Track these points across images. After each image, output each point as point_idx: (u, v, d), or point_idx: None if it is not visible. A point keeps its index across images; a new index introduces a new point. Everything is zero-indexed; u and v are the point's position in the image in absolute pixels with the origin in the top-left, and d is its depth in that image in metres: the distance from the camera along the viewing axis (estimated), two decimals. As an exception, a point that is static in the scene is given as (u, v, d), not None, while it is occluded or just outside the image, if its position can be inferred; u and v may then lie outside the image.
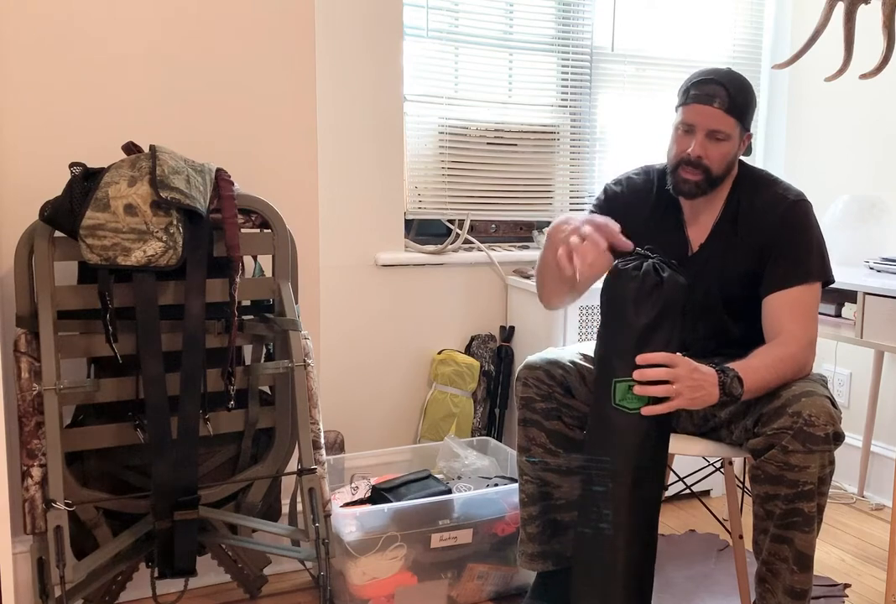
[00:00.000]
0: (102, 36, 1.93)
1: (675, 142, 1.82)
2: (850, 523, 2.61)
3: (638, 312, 1.56)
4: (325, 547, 1.82)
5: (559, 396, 1.80)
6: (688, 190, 1.80)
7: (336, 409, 2.48)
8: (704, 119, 1.75)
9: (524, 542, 1.89)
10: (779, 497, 1.58)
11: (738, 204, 1.84)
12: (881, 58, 2.11)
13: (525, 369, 1.84)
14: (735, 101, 1.75)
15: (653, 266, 1.58)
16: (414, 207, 2.69)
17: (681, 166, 1.79)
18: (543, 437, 1.82)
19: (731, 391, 1.59)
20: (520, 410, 1.84)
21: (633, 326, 1.56)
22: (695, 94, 1.76)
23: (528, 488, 1.86)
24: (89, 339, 1.77)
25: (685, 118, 1.78)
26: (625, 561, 1.58)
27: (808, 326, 1.73)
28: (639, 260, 1.60)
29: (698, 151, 1.76)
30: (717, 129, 1.75)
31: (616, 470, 1.57)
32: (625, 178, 1.98)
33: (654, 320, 1.55)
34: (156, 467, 1.71)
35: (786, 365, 1.66)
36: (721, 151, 1.77)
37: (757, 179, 1.87)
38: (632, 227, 1.75)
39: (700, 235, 1.87)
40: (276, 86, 2.11)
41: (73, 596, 1.72)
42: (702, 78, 1.77)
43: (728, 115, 1.75)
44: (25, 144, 1.89)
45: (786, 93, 3.15)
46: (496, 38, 2.75)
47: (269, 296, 1.92)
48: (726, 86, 1.75)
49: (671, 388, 1.53)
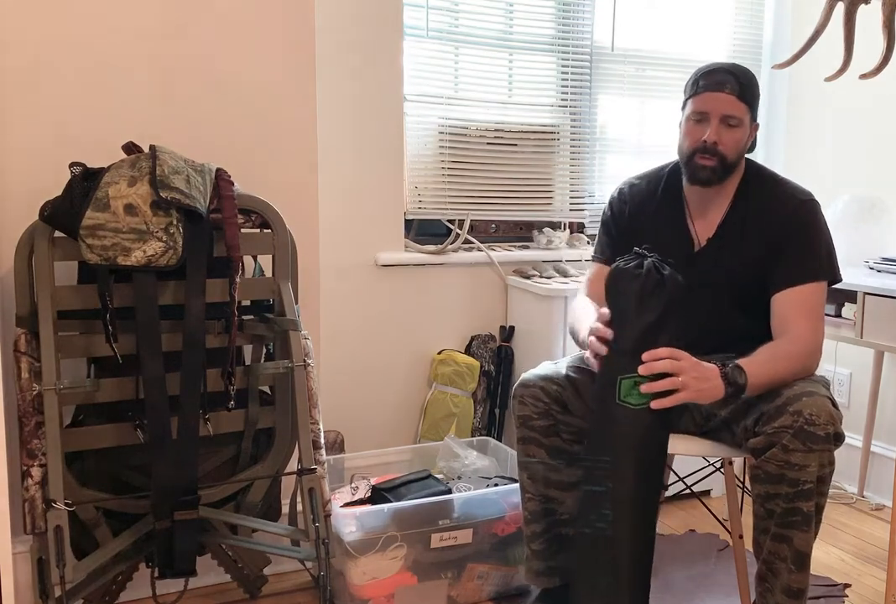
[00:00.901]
0: (102, 36, 1.93)
1: (686, 134, 1.83)
2: (850, 523, 2.61)
3: (642, 311, 1.57)
4: (325, 547, 1.82)
5: (556, 414, 1.81)
6: (705, 176, 1.80)
7: (336, 409, 2.48)
8: (718, 105, 1.77)
9: (530, 559, 1.89)
10: (779, 496, 1.58)
11: (747, 201, 1.85)
12: (881, 58, 2.11)
13: (521, 387, 1.85)
14: (745, 88, 1.77)
15: (653, 264, 1.59)
16: (414, 207, 2.69)
17: (696, 155, 1.80)
18: (543, 453, 1.82)
19: (735, 380, 1.59)
20: (518, 428, 1.85)
21: (638, 324, 1.57)
22: (705, 84, 1.78)
23: (531, 506, 1.86)
24: (89, 339, 1.77)
25: (697, 107, 1.79)
26: (627, 559, 1.58)
27: (815, 326, 1.74)
28: (638, 259, 1.61)
29: (714, 137, 1.77)
30: (731, 113, 1.77)
31: (618, 467, 1.57)
32: (626, 184, 2.00)
33: (658, 318, 1.57)
34: (156, 467, 1.71)
35: (791, 362, 1.67)
36: (735, 136, 1.79)
37: (765, 177, 1.88)
38: (638, 227, 1.83)
39: (707, 230, 1.88)
40: (276, 86, 2.11)
41: (73, 596, 1.72)
42: (710, 69, 1.80)
43: (740, 101, 1.77)
44: (25, 144, 1.89)
45: (786, 93, 3.16)
46: (496, 38, 2.75)
47: (269, 296, 1.92)
48: (735, 73, 1.78)
49: (676, 380, 1.54)
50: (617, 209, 1.98)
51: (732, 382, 1.59)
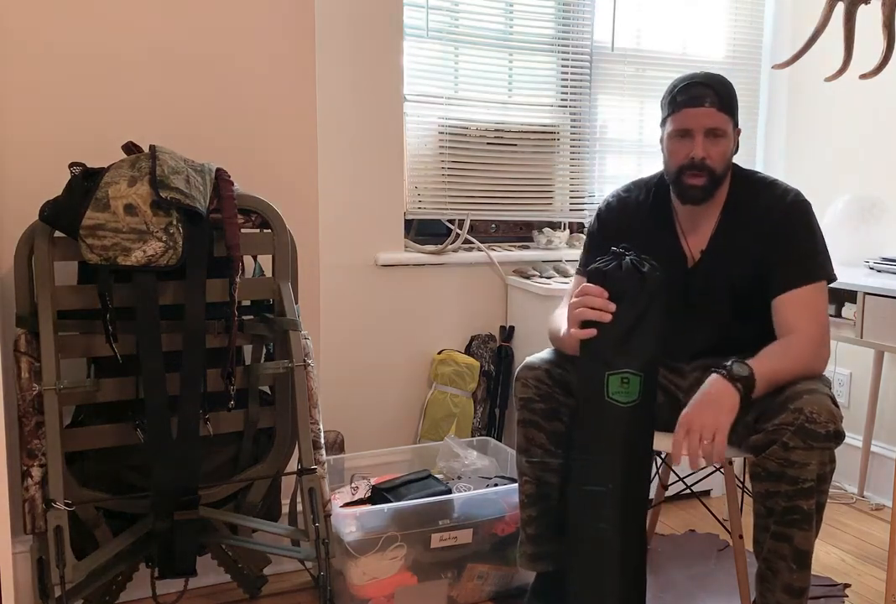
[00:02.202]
0: (103, 36, 1.93)
1: (671, 152, 1.81)
2: (850, 522, 2.61)
3: (626, 309, 1.59)
4: (325, 547, 1.82)
5: (559, 397, 1.80)
6: (695, 195, 1.79)
7: (336, 409, 2.48)
8: (700, 120, 1.75)
9: (524, 543, 1.89)
10: (779, 494, 1.58)
11: (737, 209, 1.84)
12: (881, 58, 2.11)
13: (525, 370, 1.84)
14: (724, 99, 1.76)
15: (631, 263, 1.61)
16: (414, 206, 2.69)
17: (683, 173, 1.78)
18: (542, 437, 1.81)
19: (738, 374, 1.59)
20: (519, 410, 1.84)
21: (622, 321, 1.59)
22: (683, 100, 1.76)
23: (528, 489, 1.86)
24: (89, 339, 1.77)
25: (679, 125, 1.77)
26: (617, 557, 1.59)
27: (820, 326, 1.73)
28: (616, 259, 1.62)
29: (701, 153, 1.75)
30: (715, 126, 1.75)
31: (607, 464, 1.58)
32: (614, 198, 1.98)
33: (641, 313, 1.59)
34: (156, 467, 1.71)
35: (796, 360, 1.66)
36: (721, 149, 1.77)
37: (753, 181, 1.87)
38: (627, 240, 1.80)
39: (700, 242, 1.86)
40: (276, 86, 2.11)
41: (73, 596, 1.72)
42: (684, 83, 1.77)
43: (721, 112, 1.75)
44: (25, 144, 1.89)
45: (786, 93, 3.15)
46: (496, 37, 2.76)
47: (269, 296, 1.92)
48: (711, 85, 1.75)
49: (695, 438, 1.55)
50: (605, 222, 1.95)
51: (737, 377, 1.59)
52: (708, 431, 1.55)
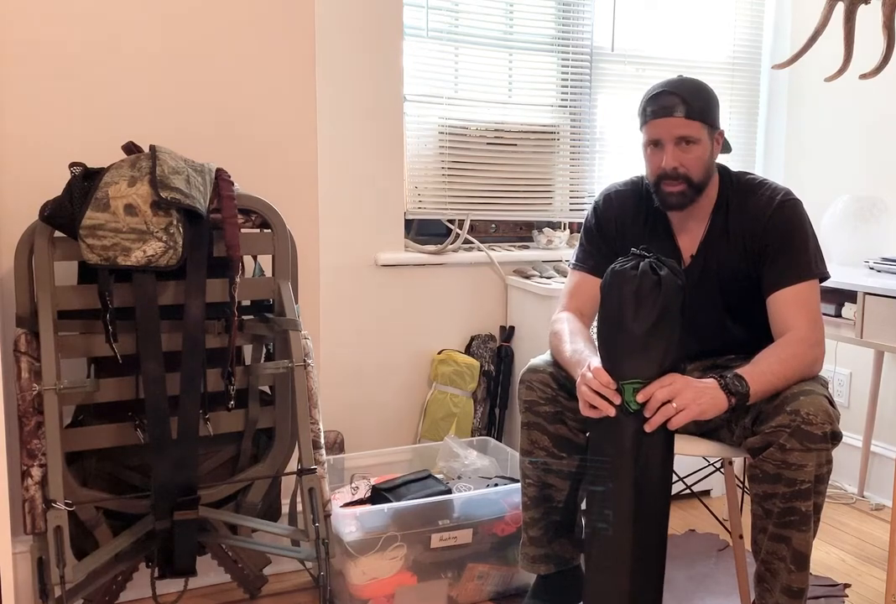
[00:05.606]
0: (103, 36, 1.93)
1: (648, 161, 1.82)
2: (850, 523, 2.61)
3: (637, 315, 1.55)
4: (324, 547, 1.82)
5: (563, 400, 1.79)
6: (675, 202, 1.79)
7: (336, 409, 2.48)
8: (668, 130, 1.75)
9: (526, 544, 1.89)
10: (777, 496, 1.58)
11: (727, 209, 1.84)
12: (881, 58, 2.11)
13: (528, 372, 1.84)
14: (692, 106, 1.74)
15: (650, 266, 1.57)
16: (414, 206, 2.69)
17: (661, 182, 1.78)
18: (546, 440, 1.81)
19: (736, 389, 1.58)
20: (523, 413, 1.84)
21: (633, 329, 1.55)
22: (652, 111, 1.76)
23: (531, 492, 1.86)
24: (89, 339, 1.77)
25: (650, 135, 1.78)
26: (632, 560, 1.58)
27: (813, 324, 1.73)
28: (635, 260, 1.60)
29: (672, 163, 1.75)
30: (683, 134, 1.74)
31: (621, 469, 1.57)
32: (613, 191, 1.96)
33: (654, 322, 1.54)
34: (156, 467, 1.71)
35: (793, 363, 1.66)
36: (694, 155, 1.76)
37: (742, 182, 1.86)
38: (625, 234, 1.82)
39: (692, 243, 1.86)
40: (276, 86, 2.11)
41: (73, 596, 1.72)
42: (654, 93, 1.77)
43: (690, 120, 1.74)
44: (25, 144, 1.89)
45: (786, 93, 3.15)
46: (496, 38, 2.76)
47: (269, 296, 1.92)
48: (678, 94, 1.74)
49: (671, 406, 1.53)
50: (602, 216, 1.94)
51: (735, 392, 1.58)
52: (681, 403, 1.53)
